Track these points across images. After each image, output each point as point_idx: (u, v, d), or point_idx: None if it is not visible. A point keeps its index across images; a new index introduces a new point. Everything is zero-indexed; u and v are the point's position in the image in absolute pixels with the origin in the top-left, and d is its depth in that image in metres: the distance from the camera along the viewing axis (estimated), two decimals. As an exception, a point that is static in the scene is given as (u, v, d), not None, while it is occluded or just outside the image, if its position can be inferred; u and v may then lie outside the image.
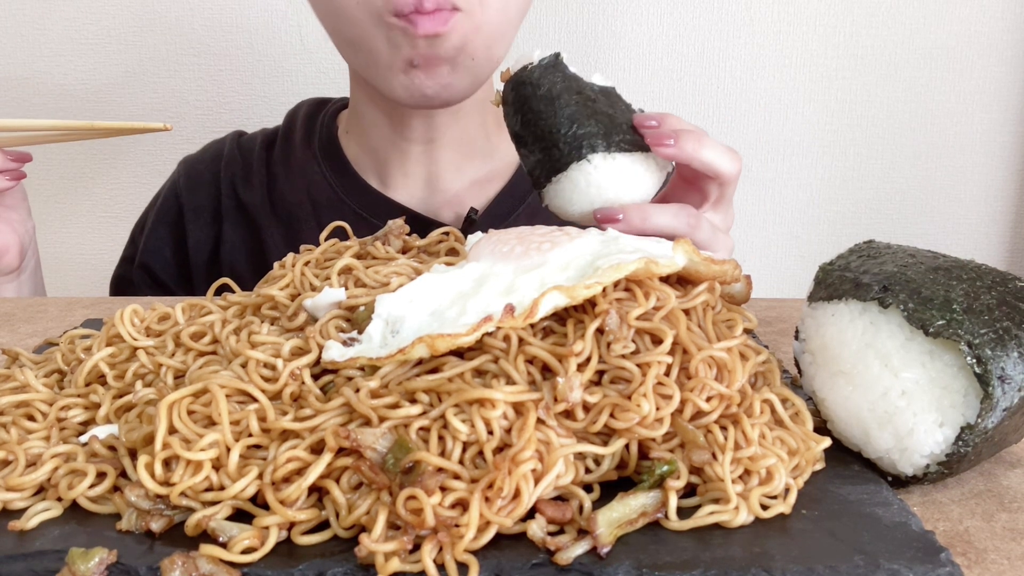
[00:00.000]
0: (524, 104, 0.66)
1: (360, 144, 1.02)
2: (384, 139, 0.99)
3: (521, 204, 1.01)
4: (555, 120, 0.65)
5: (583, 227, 0.70)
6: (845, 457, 0.49)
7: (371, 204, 1.00)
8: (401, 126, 0.97)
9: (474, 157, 1.01)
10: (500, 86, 0.69)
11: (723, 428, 0.45)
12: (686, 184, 0.75)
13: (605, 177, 0.65)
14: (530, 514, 0.41)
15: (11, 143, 0.92)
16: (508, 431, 0.43)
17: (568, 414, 0.45)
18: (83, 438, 0.49)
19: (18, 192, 0.96)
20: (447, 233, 0.62)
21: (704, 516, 0.42)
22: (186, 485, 0.42)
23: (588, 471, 0.45)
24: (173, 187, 1.07)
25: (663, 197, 0.76)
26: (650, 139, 0.66)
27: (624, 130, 0.66)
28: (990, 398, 0.44)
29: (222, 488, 0.42)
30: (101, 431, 0.49)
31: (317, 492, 0.43)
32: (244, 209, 1.03)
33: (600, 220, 0.65)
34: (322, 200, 1.01)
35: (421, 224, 0.92)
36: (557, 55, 0.67)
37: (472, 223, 0.97)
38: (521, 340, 0.47)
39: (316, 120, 1.06)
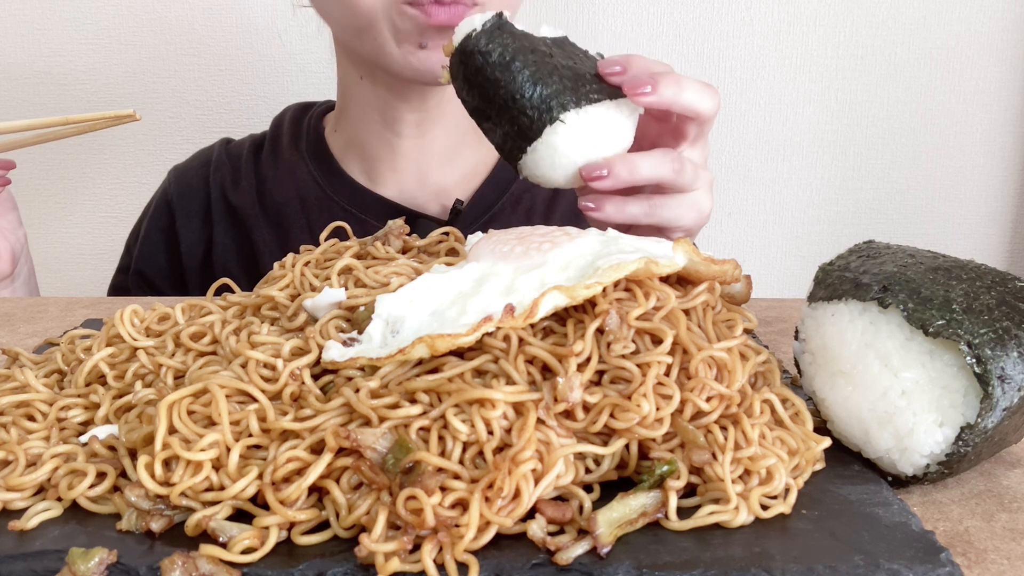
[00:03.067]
0: (478, 75, 0.62)
1: (348, 142, 1.04)
2: (374, 135, 1.00)
3: (505, 193, 1.02)
4: (515, 85, 0.60)
5: (569, 190, 0.67)
6: (845, 457, 0.49)
7: (359, 200, 1.01)
8: (393, 121, 0.98)
9: (463, 149, 1.02)
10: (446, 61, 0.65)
11: (723, 428, 0.45)
12: (658, 123, 0.71)
13: (582, 134, 0.61)
14: (530, 514, 0.41)
15: None
16: (508, 431, 0.43)
17: (568, 414, 0.45)
18: (83, 438, 0.49)
19: (7, 200, 0.97)
20: (447, 233, 0.62)
21: (704, 516, 0.42)
22: (186, 485, 0.42)
23: (588, 471, 0.45)
24: (164, 194, 1.09)
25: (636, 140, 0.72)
26: (627, 88, 0.63)
27: (589, 80, 0.62)
28: (990, 398, 0.44)
29: (222, 488, 0.42)
30: (101, 431, 0.49)
31: (317, 492, 0.43)
32: (234, 211, 1.05)
33: (586, 179, 0.63)
34: (311, 199, 1.02)
35: (408, 217, 0.93)
36: (500, 15, 0.63)
37: (458, 214, 0.98)
38: (521, 340, 0.47)
39: (303, 122, 1.08)
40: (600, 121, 0.62)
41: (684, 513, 0.42)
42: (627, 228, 0.71)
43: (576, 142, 0.62)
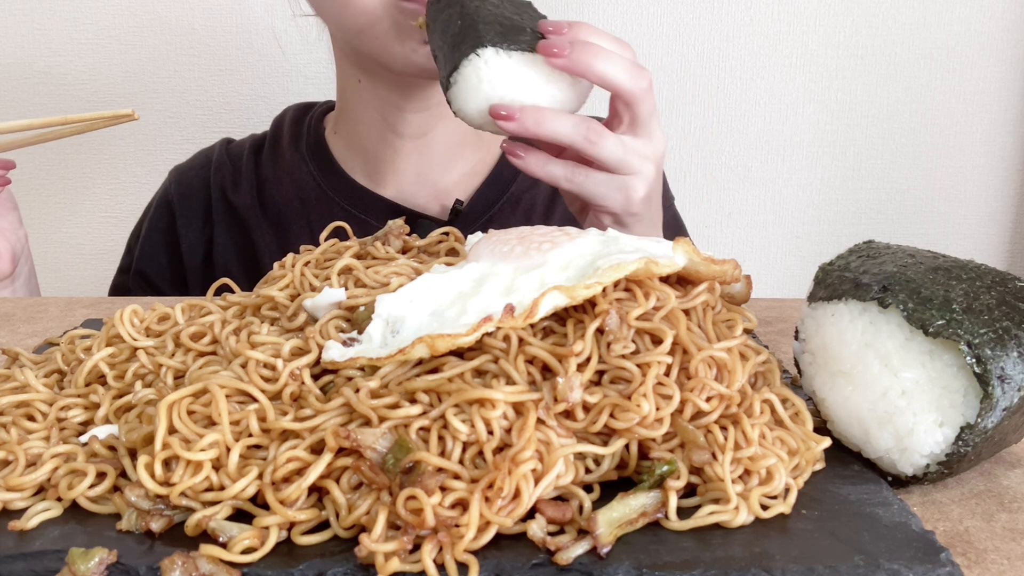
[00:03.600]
0: (438, 16, 0.66)
1: (349, 143, 1.04)
2: (376, 137, 1.00)
3: (505, 193, 1.02)
4: (454, 22, 0.64)
5: (484, 131, 0.68)
6: (845, 457, 0.49)
7: (359, 201, 1.01)
8: (394, 122, 0.98)
9: (464, 150, 1.02)
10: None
11: (723, 428, 0.45)
12: (613, 108, 0.71)
13: (498, 75, 0.63)
14: (530, 514, 0.41)
15: None
16: (508, 431, 0.43)
17: (568, 414, 0.45)
18: (83, 438, 0.49)
19: (7, 200, 0.97)
20: (447, 233, 0.62)
21: (704, 516, 0.42)
22: (186, 485, 0.42)
23: (588, 471, 0.45)
24: (165, 195, 1.09)
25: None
26: (541, 46, 0.63)
27: (527, 33, 0.64)
28: (990, 398, 0.44)
29: (222, 488, 0.42)
30: (101, 431, 0.49)
31: (317, 492, 0.43)
32: (235, 212, 1.05)
33: (494, 115, 0.63)
34: (311, 199, 1.02)
35: (408, 218, 0.94)
36: None
37: (458, 214, 0.99)
38: (521, 340, 0.47)
39: (303, 123, 1.08)
40: (522, 72, 0.64)
41: (684, 513, 0.42)
42: (580, 209, 0.69)
43: (490, 81, 0.63)
